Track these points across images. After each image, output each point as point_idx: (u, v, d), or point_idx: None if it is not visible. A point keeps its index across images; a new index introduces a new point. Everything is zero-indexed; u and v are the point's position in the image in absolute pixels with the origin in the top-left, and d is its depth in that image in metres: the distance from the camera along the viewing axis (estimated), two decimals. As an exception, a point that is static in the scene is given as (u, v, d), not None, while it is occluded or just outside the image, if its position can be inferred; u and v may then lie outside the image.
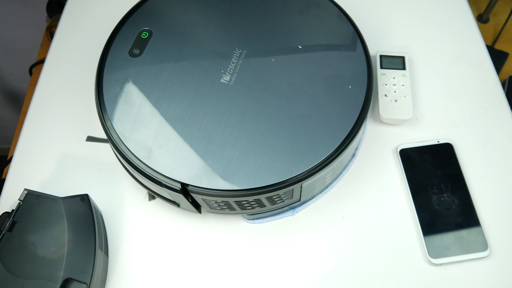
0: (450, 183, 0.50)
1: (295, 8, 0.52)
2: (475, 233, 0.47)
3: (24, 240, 0.43)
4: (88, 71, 0.61)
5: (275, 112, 0.45)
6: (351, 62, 0.49)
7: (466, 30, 0.64)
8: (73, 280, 0.42)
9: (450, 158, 0.52)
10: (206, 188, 0.42)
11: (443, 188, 0.49)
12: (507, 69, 0.92)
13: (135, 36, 0.50)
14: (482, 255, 0.46)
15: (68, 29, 0.66)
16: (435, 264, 0.46)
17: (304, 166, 0.42)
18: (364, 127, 0.49)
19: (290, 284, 0.47)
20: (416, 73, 0.60)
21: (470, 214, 0.48)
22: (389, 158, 0.54)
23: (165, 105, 0.46)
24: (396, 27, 0.64)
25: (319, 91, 0.46)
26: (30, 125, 0.57)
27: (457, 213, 0.48)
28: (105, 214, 0.51)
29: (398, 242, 0.48)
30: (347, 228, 0.49)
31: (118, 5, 0.66)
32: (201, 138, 0.44)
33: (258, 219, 0.50)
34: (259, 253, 0.48)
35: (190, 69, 0.48)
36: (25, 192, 0.46)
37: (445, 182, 0.50)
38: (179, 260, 0.48)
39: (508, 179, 0.52)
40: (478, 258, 0.47)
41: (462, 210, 0.49)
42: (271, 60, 0.48)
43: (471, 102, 0.58)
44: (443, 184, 0.49)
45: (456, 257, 0.46)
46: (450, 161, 0.51)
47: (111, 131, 0.45)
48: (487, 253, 0.46)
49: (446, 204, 0.49)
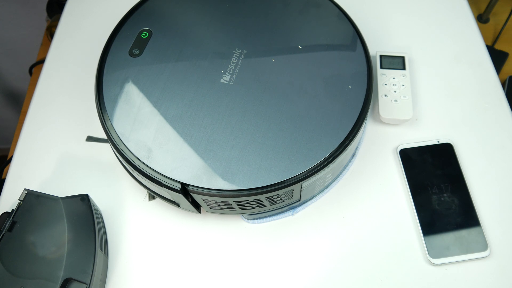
0: (450, 183, 0.50)
1: (295, 8, 0.52)
2: (475, 233, 0.47)
3: (24, 240, 0.43)
4: (88, 71, 0.61)
5: (275, 112, 0.45)
6: (351, 62, 0.49)
7: (466, 30, 0.64)
8: (73, 280, 0.42)
9: (450, 158, 0.52)
10: (206, 188, 0.42)
11: (443, 188, 0.49)
12: (507, 69, 0.92)
13: (135, 36, 0.50)
14: (482, 255, 0.46)
15: (68, 29, 0.66)
16: (435, 264, 0.46)
17: (304, 166, 0.42)
18: (364, 127, 0.49)
19: (290, 284, 0.47)
20: (416, 73, 0.60)
21: (470, 214, 0.48)
22: (389, 158, 0.54)
23: (165, 105, 0.46)
24: (396, 27, 0.64)
25: (319, 91, 0.46)
26: (30, 125, 0.57)
27: (457, 213, 0.48)
28: (105, 214, 0.51)
29: (398, 242, 0.48)
30: (347, 228, 0.49)
31: (118, 5, 0.66)
32: (201, 138, 0.44)
33: (258, 219, 0.50)
34: (259, 253, 0.48)
35: (190, 69, 0.48)
36: (25, 192, 0.46)
37: (445, 182, 0.50)
38: (179, 260, 0.48)
39: (508, 179, 0.52)
40: (478, 258, 0.47)
41: (462, 210, 0.49)
42: (271, 60, 0.48)
43: (471, 102, 0.58)
44: (443, 184, 0.50)
45: (456, 257, 0.46)
46: (450, 161, 0.52)
47: (111, 131, 0.45)
48: (487, 253, 0.46)
49: (446, 204, 0.49)
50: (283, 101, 0.45)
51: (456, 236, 0.47)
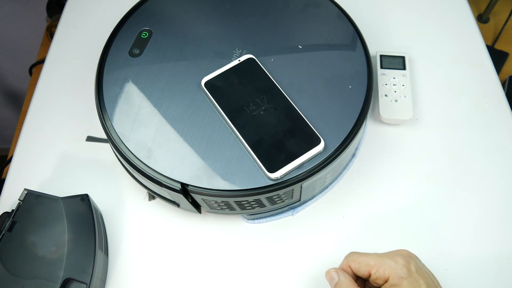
0: (264, 95, 0.45)
1: (295, 8, 0.52)
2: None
3: (24, 240, 0.43)
4: (88, 71, 0.60)
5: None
6: (351, 62, 0.48)
7: (466, 30, 0.64)
8: (73, 280, 0.42)
9: (256, 72, 0.47)
10: (206, 188, 0.42)
11: (259, 102, 0.44)
12: (507, 69, 0.92)
13: (135, 36, 0.50)
14: (319, 149, 0.42)
15: (68, 29, 0.66)
16: (276, 178, 0.42)
17: (304, 166, 0.42)
18: (364, 127, 0.49)
19: (290, 284, 0.47)
20: (416, 73, 0.60)
21: (294, 115, 0.44)
22: (390, 157, 0.53)
23: (165, 105, 0.46)
24: (396, 27, 0.64)
25: (319, 91, 0.46)
26: (30, 125, 0.57)
27: (282, 118, 0.43)
28: (105, 214, 0.51)
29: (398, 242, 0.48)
30: (347, 228, 0.49)
31: (118, 5, 0.66)
32: (201, 138, 0.44)
33: (258, 219, 0.50)
34: (259, 253, 0.48)
35: (190, 69, 0.48)
36: (25, 192, 0.46)
37: (259, 95, 0.45)
38: (179, 260, 0.48)
39: (508, 179, 0.52)
40: (316, 153, 0.43)
41: (285, 114, 0.44)
42: (270, 60, 0.48)
43: (471, 102, 0.58)
44: (258, 98, 0.45)
45: (296, 162, 0.42)
46: (257, 74, 0.47)
47: (111, 131, 0.45)
48: (322, 146, 0.43)
49: (267, 115, 0.44)
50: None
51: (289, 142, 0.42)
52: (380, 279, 0.37)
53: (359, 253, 0.39)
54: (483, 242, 0.48)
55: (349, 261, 0.39)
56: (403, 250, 0.39)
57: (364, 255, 0.39)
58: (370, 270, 0.38)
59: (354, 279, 0.39)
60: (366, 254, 0.39)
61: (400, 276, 0.36)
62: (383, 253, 0.39)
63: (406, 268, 0.37)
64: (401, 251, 0.39)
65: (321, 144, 0.42)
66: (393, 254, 0.38)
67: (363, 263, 0.38)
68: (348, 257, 0.40)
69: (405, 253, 0.39)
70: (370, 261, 0.38)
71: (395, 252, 0.39)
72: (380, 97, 0.55)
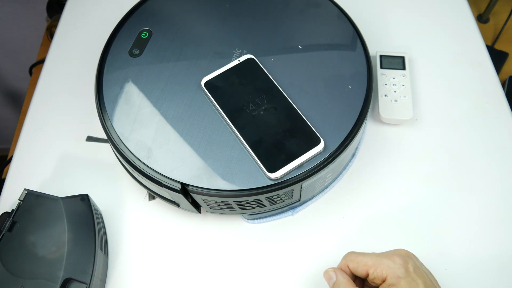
0: (264, 95, 0.45)
1: (295, 8, 0.52)
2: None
3: (24, 240, 0.43)
4: (88, 71, 0.60)
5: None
6: (351, 62, 0.48)
7: (466, 30, 0.64)
8: (73, 280, 0.42)
9: (255, 72, 0.47)
10: (206, 188, 0.42)
11: (259, 102, 0.44)
12: (507, 69, 0.92)
13: (135, 36, 0.50)
14: (319, 149, 0.42)
15: (68, 29, 0.66)
16: (276, 178, 0.42)
17: (304, 166, 0.42)
18: (364, 127, 0.49)
19: (290, 284, 0.47)
20: (416, 73, 0.60)
21: (294, 115, 0.44)
22: (389, 157, 0.53)
23: (165, 105, 0.46)
24: (396, 27, 0.64)
25: (319, 91, 0.46)
26: (30, 125, 0.57)
27: (282, 119, 0.43)
28: (105, 214, 0.51)
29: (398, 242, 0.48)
30: (347, 228, 0.49)
31: (118, 5, 0.66)
32: (201, 138, 0.44)
33: (258, 219, 0.50)
34: (259, 253, 0.48)
35: (190, 69, 0.48)
36: (25, 192, 0.46)
37: (259, 96, 0.45)
38: (179, 260, 0.48)
39: (508, 179, 0.52)
40: (316, 153, 0.43)
41: (285, 114, 0.44)
42: (270, 60, 0.48)
43: (471, 102, 0.58)
44: (258, 98, 0.44)
45: (295, 162, 0.42)
46: (257, 75, 0.46)
47: (111, 131, 0.45)
48: (322, 146, 0.43)
49: (267, 115, 0.44)
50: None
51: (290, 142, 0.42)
52: (378, 279, 0.37)
53: (357, 253, 0.39)
54: (483, 242, 0.48)
55: (347, 260, 0.39)
56: (401, 249, 0.39)
57: (362, 255, 0.39)
58: (368, 270, 0.38)
59: (353, 278, 0.39)
60: (364, 253, 0.39)
61: (398, 275, 0.36)
62: (381, 253, 0.39)
63: (404, 267, 0.37)
64: (399, 250, 0.39)
65: (321, 144, 0.42)
66: (391, 253, 0.38)
67: (361, 262, 0.38)
68: (346, 256, 0.40)
69: (403, 252, 0.39)
70: (368, 260, 0.38)
71: (393, 251, 0.39)
72: (380, 97, 0.55)
